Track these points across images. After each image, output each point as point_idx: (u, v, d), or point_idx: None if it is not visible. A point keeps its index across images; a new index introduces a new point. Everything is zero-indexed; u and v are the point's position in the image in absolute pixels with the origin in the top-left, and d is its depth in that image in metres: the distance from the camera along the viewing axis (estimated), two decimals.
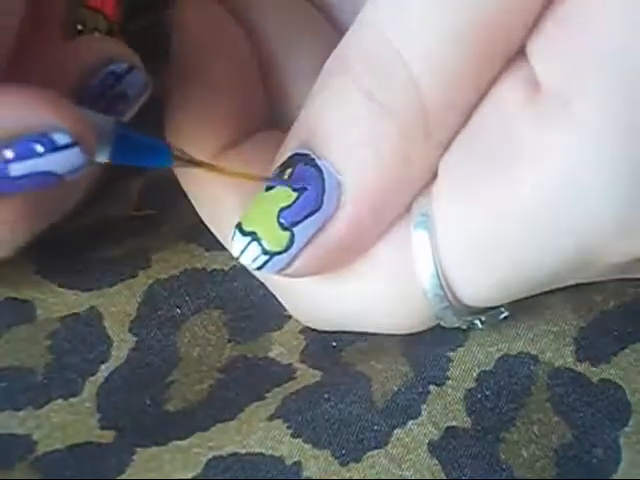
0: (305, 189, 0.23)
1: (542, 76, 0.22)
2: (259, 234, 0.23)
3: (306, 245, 0.23)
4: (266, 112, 0.28)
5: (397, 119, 0.22)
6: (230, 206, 0.26)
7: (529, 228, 0.22)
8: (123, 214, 0.32)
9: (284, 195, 0.23)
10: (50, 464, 0.25)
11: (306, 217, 0.23)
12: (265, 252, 0.23)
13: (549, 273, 0.23)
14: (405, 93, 0.22)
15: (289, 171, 0.23)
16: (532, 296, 0.24)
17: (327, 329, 0.27)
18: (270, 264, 0.23)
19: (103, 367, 0.27)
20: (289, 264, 0.23)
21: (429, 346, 0.26)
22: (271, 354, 0.27)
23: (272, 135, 0.27)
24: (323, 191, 0.23)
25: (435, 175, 0.23)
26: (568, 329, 0.26)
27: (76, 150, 0.21)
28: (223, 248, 0.28)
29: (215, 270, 0.29)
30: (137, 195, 0.33)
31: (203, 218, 0.28)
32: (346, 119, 0.23)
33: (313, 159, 0.23)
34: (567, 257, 0.22)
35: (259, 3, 0.28)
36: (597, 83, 0.21)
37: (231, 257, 0.27)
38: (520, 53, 0.23)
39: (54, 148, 0.21)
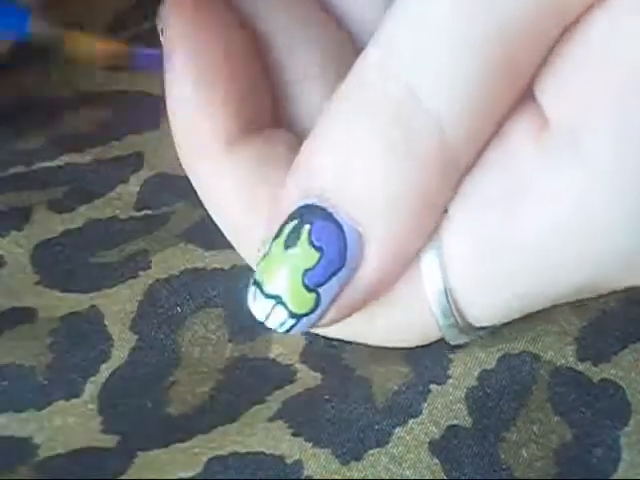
0: (327, 248, 0.22)
1: (550, 112, 0.22)
2: (284, 298, 0.23)
3: (332, 302, 0.23)
4: (270, 109, 0.28)
5: (421, 168, 0.22)
6: (240, 209, 0.26)
7: (535, 263, 0.22)
8: (122, 216, 0.33)
9: (306, 256, 0.22)
10: (52, 469, 0.25)
11: (331, 276, 0.22)
12: (292, 315, 0.23)
13: (553, 299, 0.24)
14: (428, 142, 0.22)
15: (307, 227, 0.22)
16: None
17: (327, 336, 0.27)
18: (298, 326, 0.23)
19: (104, 367, 0.27)
20: (316, 322, 0.23)
21: (429, 347, 0.26)
22: (271, 354, 0.27)
23: (280, 134, 0.27)
24: (345, 247, 0.22)
25: None
26: (569, 328, 0.26)
27: None
28: (223, 247, 0.28)
29: (215, 269, 0.29)
30: (136, 196, 0.33)
31: (214, 218, 0.28)
32: (367, 170, 0.22)
33: (331, 214, 0.22)
34: (572, 287, 0.23)
35: None
36: (608, 120, 0.21)
37: (231, 256, 0.27)
38: (527, 90, 0.22)
39: None
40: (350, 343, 0.27)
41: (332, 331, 0.26)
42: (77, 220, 0.32)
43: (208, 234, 0.28)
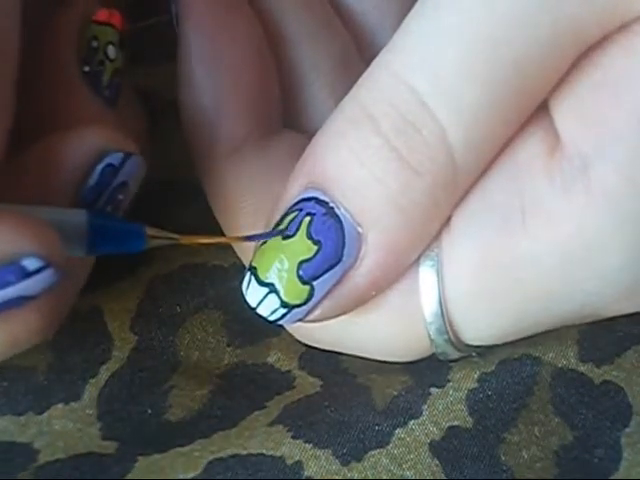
0: (325, 242, 0.22)
1: (563, 134, 0.22)
2: (277, 287, 0.23)
3: (325, 296, 0.23)
4: (280, 111, 0.28)
5: (426, 180, 0.22)
6: (245, 212, 0.26)
7: (538, 283, 0.22)
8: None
9: (304, 247, 0.23)
10: (52, 474, 0.24)
11: (326, 271, 0.23)
12: (284, 305, 0.23)
13: (551, 322, 0.23)
14: (436, 155, 0.22)
15: (307, 219, 0.23)
16: None
17: (325, 349, 0.27)
18: (288, 316, 0.23)
19: (104, 368, 0.27)
20: (307, 315, 0.23)
21: (429, 358, 0.26)
22: (270, 359, 0.27)
23: (287, 137, 0.27)
24: (343, 244, 0.22)
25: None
26: (570, 330, 0.26)
27: (48, 272, 0.20)
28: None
29: (215, 266, 0.29)
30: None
31: (219, 221, 0.28)
32: (371, 175, 0.22)
33: (332, 208, 0.22)
34: (572, 311, 0.23)
35: None
36: (619, 149, 0.21)
37: (232, 254, 0.27)
38: (541, 106, 0.22)
39: (26, 274, 0.20)
40: None
41: (326, 342, 0.26)
42: None
43: (208, 231, 0.27)
